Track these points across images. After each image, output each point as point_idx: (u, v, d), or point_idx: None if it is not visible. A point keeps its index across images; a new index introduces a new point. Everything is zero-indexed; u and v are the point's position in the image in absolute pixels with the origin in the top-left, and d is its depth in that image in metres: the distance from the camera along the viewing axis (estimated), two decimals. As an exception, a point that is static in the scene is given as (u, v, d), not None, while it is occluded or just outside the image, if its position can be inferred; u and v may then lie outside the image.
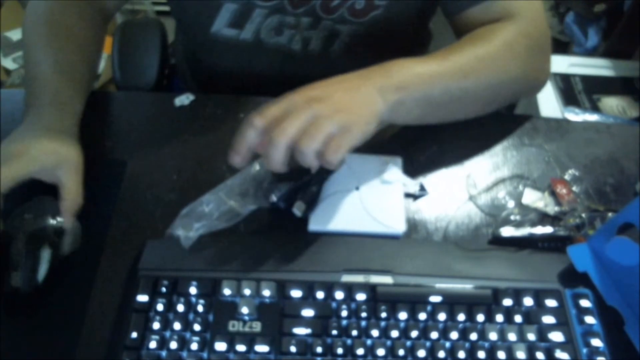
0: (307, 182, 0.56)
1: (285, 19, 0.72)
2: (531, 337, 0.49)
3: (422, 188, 0.60)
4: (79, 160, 0.56)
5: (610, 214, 0.58)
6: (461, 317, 0.50)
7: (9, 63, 1.79)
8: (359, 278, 0.52)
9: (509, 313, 0.51)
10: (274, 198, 0.57)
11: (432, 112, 0.58)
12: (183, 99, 0.69)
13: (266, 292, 0.51)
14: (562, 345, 0.49)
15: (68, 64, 0.62)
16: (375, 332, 0.49)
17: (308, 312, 0.50)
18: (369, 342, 0.49)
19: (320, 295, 0.51)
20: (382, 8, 0.70)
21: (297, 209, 0.54)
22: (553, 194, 0.60)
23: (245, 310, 0.50)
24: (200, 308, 0.50)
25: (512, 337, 0.49)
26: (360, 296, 0.51)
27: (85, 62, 0.65)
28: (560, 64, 1.33)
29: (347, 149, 0.49)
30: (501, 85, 0.62)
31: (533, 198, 0.60)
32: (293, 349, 0.48)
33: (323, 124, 0.48)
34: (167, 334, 0.49)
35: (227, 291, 0.51)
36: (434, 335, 0.49)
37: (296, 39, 0.75)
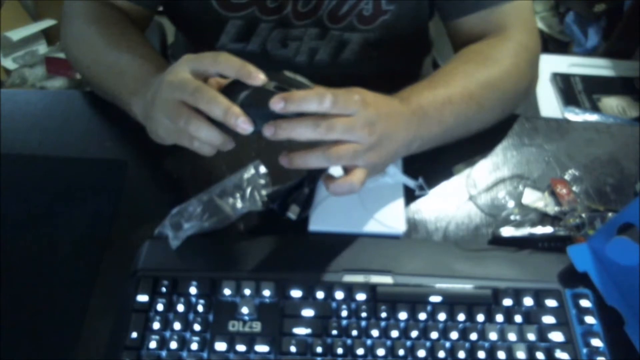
0: (299, 184, 0.56)
1: (289, 32, 0.72)
2: (531, 337, 0.49)
3: (422, 188, 0.60)
4: None
5: (610, 214, 0.58)
6: (461, 317, 0.50)
7: (9, 63, 1.79)
8: (359, 278, 0.52)
9: (509, 313, 0.51)
10: (268, 201, 0.57)
11: (444, 141, 0.60)
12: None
13: (266, 292, 0.51)
14: (562, 345, 0.49)
15: (140, 49, 0.63)
16: (375, 332, 0.49)
17: (308, 312, 0.50)
18: (369, 342, 0.49)
19: (320, 295, 0.51)
20: (390, 13, 0.70)
21: (292, 213, 0.54)
22: (553, 194, 0.60)
23: (245, 310, 0.50)
24: (200, 308, 0.50)
25: (512, 337, 0.49)
26: (360, 296, 0.51)
27: (146, 44, 0.65)
28: (560, 64, 1.33)
29: (355, 184, 0.50)
30: (511, 104, 0.65)
31: (533, 198, 0.60)
32: (293, 349, 0.48)
33: (362, 156, 0.49)
34: (167, 334, 0.49)
35: (227, 291, 0.51)
36: (434, 335, 0.49)
37: (302, 51, 0.75)
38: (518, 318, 0.50)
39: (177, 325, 0.49)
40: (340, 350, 0.48)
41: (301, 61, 0.76)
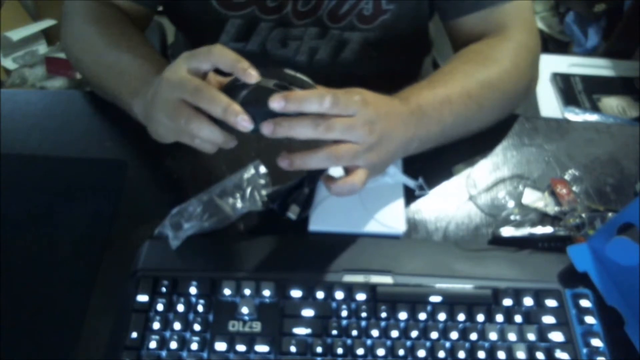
0: (299, 184, 0.56)
1: (289, 32, 0.72)
2: (531, 337, 0.49)
3: (422, 188, 0.60)
4: None
5: (610, 214, 0.58)
6: (461, 317, 0.50)
7: (9, 63, 1.79)
8: (359, 278, 0.52)
9: (509, 313, 0.51)
10: (268, 201, 0.57)
11: (443, 141, 0.60)
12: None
13: (266, 292, 0.51)
14: (562, 345, 0.49)
15: (140, 49, 0.62)
16: (375, 332, 0.49)
17: (308, 312, 0.50)
18: (369, 342, 0.49)
19: (320, 295, 0.51)
20: (390, 12, 0.70)
21: (292, 213, 0.54)
22: (553, 194, 0.60)
23: (245, 310, 0.50)
24: (200, 308, 0.50)
25: (512, 337, 0.49)
26: (360, 296, 0.51)
27: (146, 44, 0.65)
28: (560, 64, 1.33)
29: (352, 186, 0.50)
30: (511, 104, 0.65)
31: (533, 198, 0.60)
32: (293, 349, 0.48)
33: (362, 156, 0.49)
34: (167, 334, 0.49)
35: (227, 291, 0.51)
36: (434, 335, 0.49)
37: (302, 50, 0.75)
38: (518, 318, 0.50)
39: (177, 325, 0.49)
40: (340, 350, 0.48)
41: (301, 61, 0.76)
